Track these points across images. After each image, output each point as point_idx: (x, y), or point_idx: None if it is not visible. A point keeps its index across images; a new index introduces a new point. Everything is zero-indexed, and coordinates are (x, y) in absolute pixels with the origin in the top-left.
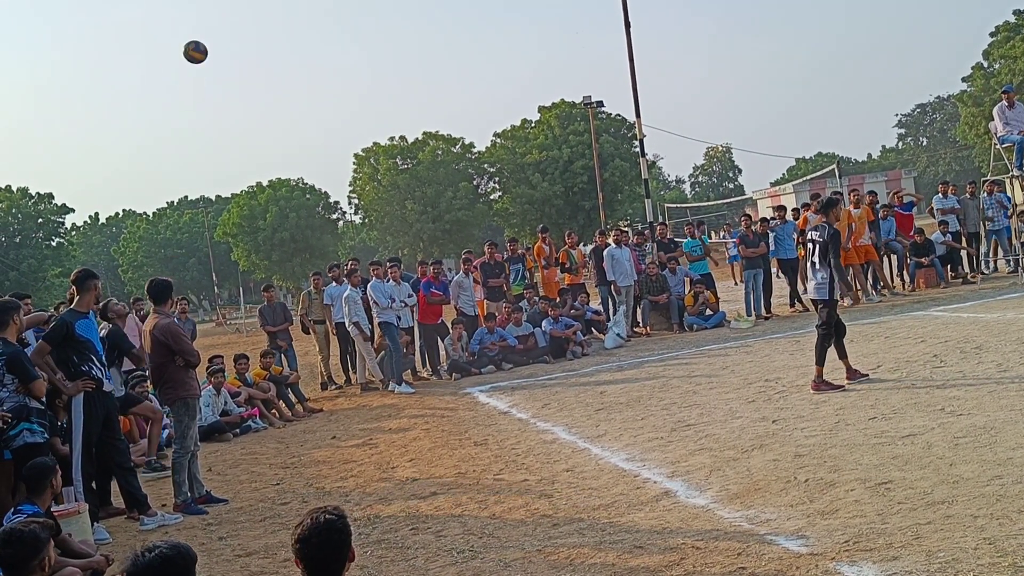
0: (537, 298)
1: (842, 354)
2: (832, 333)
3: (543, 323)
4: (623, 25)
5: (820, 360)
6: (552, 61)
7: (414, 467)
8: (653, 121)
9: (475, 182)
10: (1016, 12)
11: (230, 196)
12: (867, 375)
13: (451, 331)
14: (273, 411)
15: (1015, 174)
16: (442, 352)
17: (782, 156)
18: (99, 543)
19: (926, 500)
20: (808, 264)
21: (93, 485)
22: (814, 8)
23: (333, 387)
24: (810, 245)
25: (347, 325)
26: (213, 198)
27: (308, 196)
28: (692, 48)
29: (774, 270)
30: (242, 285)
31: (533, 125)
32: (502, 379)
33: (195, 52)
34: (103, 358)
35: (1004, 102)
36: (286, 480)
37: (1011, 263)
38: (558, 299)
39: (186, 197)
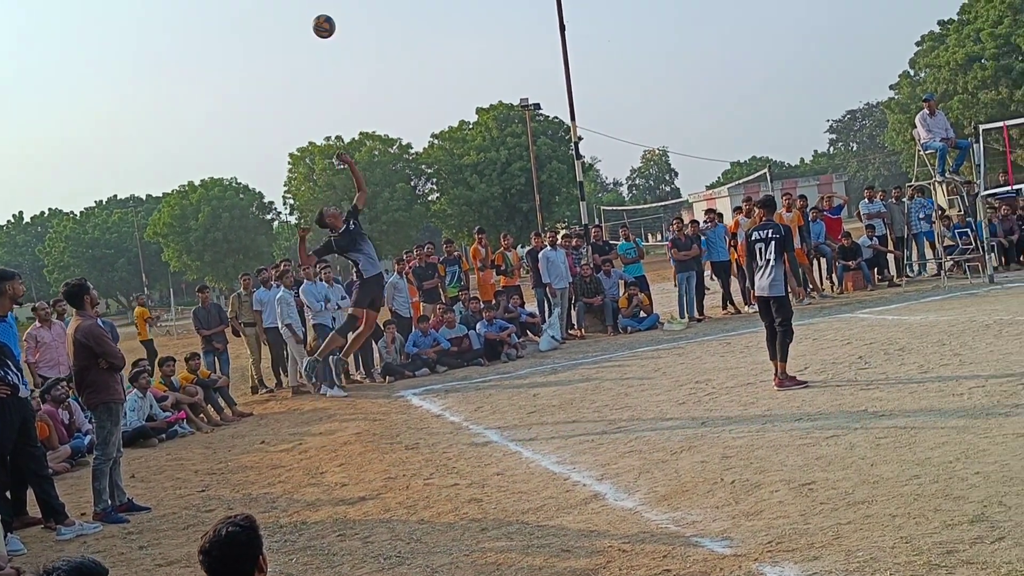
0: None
1: (773, 356)
2: (792, 329)
3: (477, 325)
4: (558, 28)
5: (783, 356)
6: (490, 63)
7: (343, 472)
8: (590, 124)
9: (412, 183)
10: (940, 23)
11: (161, 195)
12: (806, 383)
13: (385, 333)
14: (200, 415)
15: (938, 180)
16: (376, 355)
17: (717, 160)
18: (13, 554)
19: (847, 500)
20: (763, 262)
21: (7, 494)
22: (749, 16)
23: (264, 391)
24: (761, 245)
25: (279, 327)
26: (144, 197)
27: (242, 196)
28: (630, 52)
29: (708, 273)
30: (173, 287)
31: (471, 126)
32: (436, 382)
33: (325, 24)
34: (19, 362)
35: (926, 110)
36: (212, 487)
37: (933, 267)
38: (493, 301)
39: (115, 196)
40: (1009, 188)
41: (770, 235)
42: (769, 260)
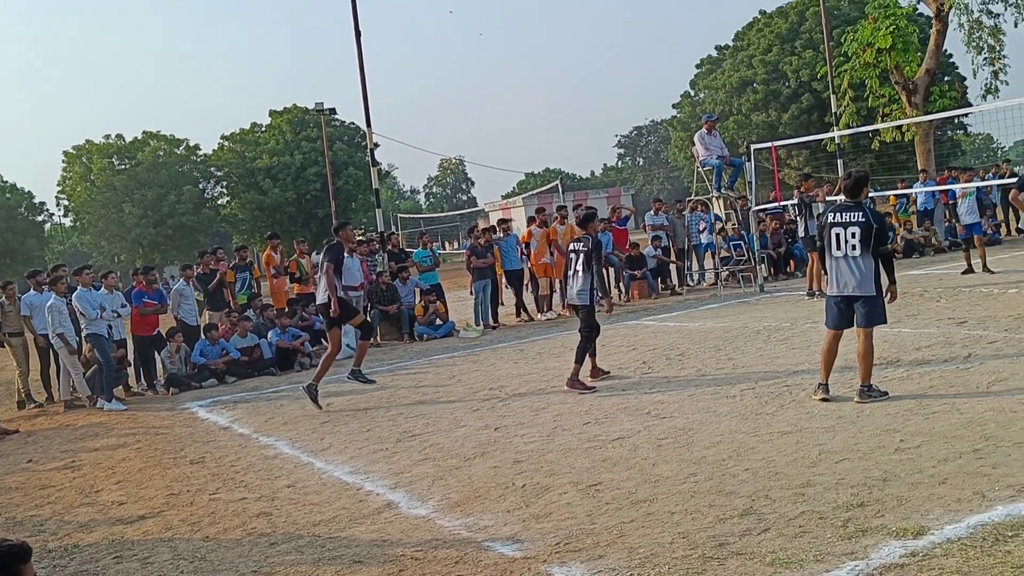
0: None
1: (592, 352)
2: (594, 336)
3: (269, 334)
4: (354, 33)
5: (579, 360)
6: (284, 65)
7: (121, 490)
8: (388, 131)
9: (201, 186)
10: (717, 48)
11: None
12: (608, 372)
13: (169, 343)
14: None
15: (715, 195)
16: (159, 365)
17: (513, 170)
18: None
19: (631, 499)
20: (572, 273)
21: None
22: (544, 33)
23: (32, 405)
24: (573, 256)
25: (51, 337)
26: None
27: (9, 196)
28: (428, 61)
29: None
30: None
31: (264, 129)
32: (224, 393)
33: None
34: None
35: (704, 129)
36: None
37: (711, 277)
38: (287, 309)
39: None
40: (777, 204)
41: (580, 247)
42: (578, 271)
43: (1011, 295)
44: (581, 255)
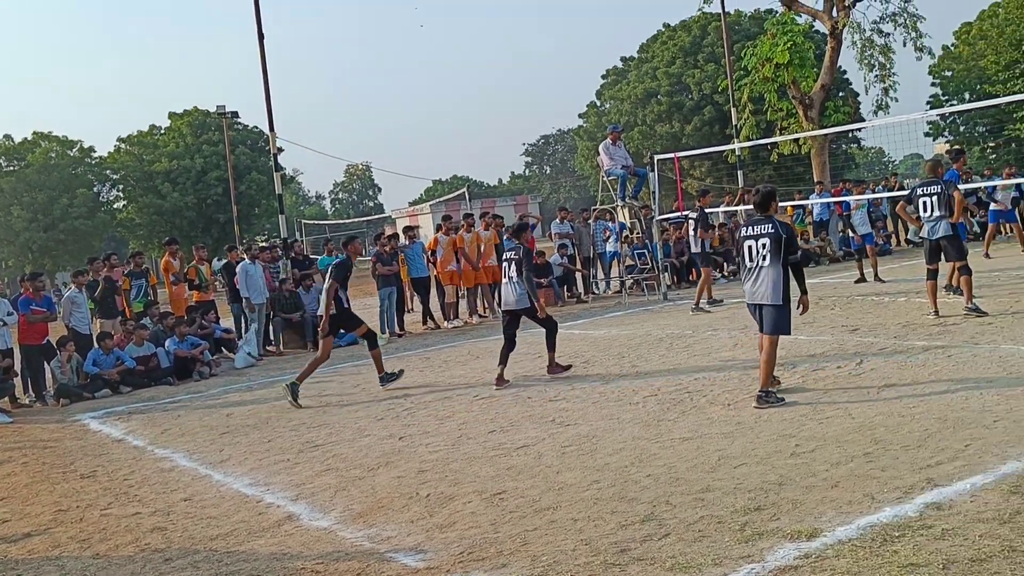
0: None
1: (503, 360)
2: (555, 328)
3: (167, 342)
4: (257, 36)
5: (551, 348)
6: (185, 66)
7: (5, 507)
8: (292, 135)
9: (96, 189)
10: (623, 59)
11: None
12: (570, 367)
13: (60, 352)
14: None
15: (619, 204)
16: (48, 375)
17: (420, 177)
18: None
19: (534, 507)
20: (504, 280)
21: None
22: (452, 41)
23: None
24: (506, 264)
25: None
26: None
27: None
28: (334, 66)
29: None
30: None
31: (163, 132)
32: (119, 403)
33: None
34: None
35: (609, 140)
36: None
37: (616, 284)
38: (185, 316)
39: None
40: (680, 213)
41: (512, 256)
42: (512, 277)
43: (900, 303)
44: (513, 263)
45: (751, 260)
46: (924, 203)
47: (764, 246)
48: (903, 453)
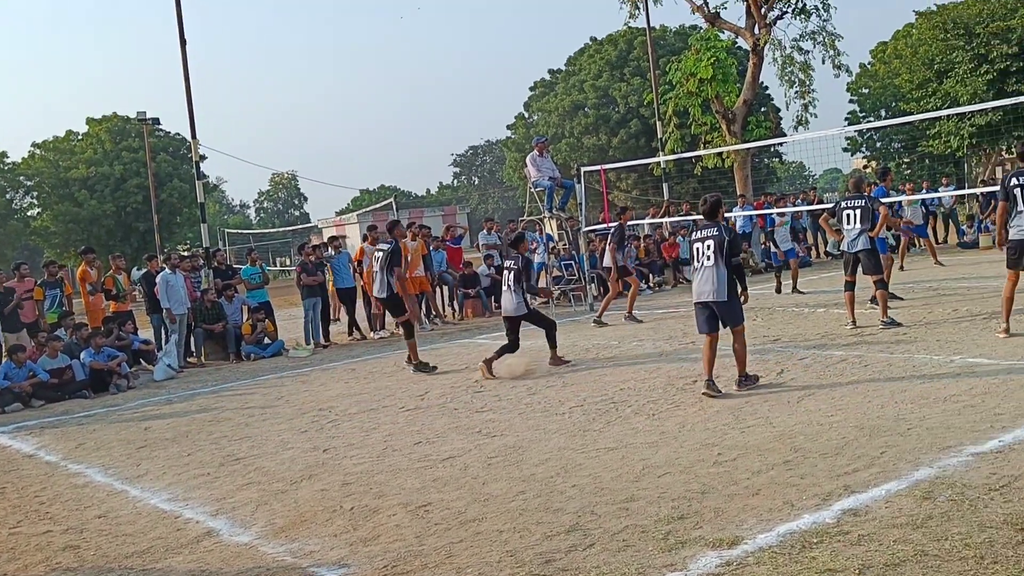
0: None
1: (500, 352)
2: (553, 326)
3: (82, 354)
4: (179, 41)
5: (553, 344)
6: (104, 71)
7: None
8: (216, 143)
9: (8, 196)
10: (550, 71)
11: None
12: (570, 361)
13: None
14: None
15: (546, 215)
16: None
17: (347, 187)
18: None
19: (460, 519)
20: (504, 289)
21: None
22: (380, 50)
23: None
24: (506, 272)
25: None
26: None
27: None
28: (260, 73)
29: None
30: None
31: (80, 138)
32: (30, 417)
33: None
34: None
35: (536, 151)
36: None
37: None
38: (102, 328)
39: None
40: (606, 225)
41: (512, 266)
42: (510, 286)
43: (819, 314)
44: (512, 272)
45: (698, 261)
46: (848, 216)
47: (709, 247)
48: (822, 461)
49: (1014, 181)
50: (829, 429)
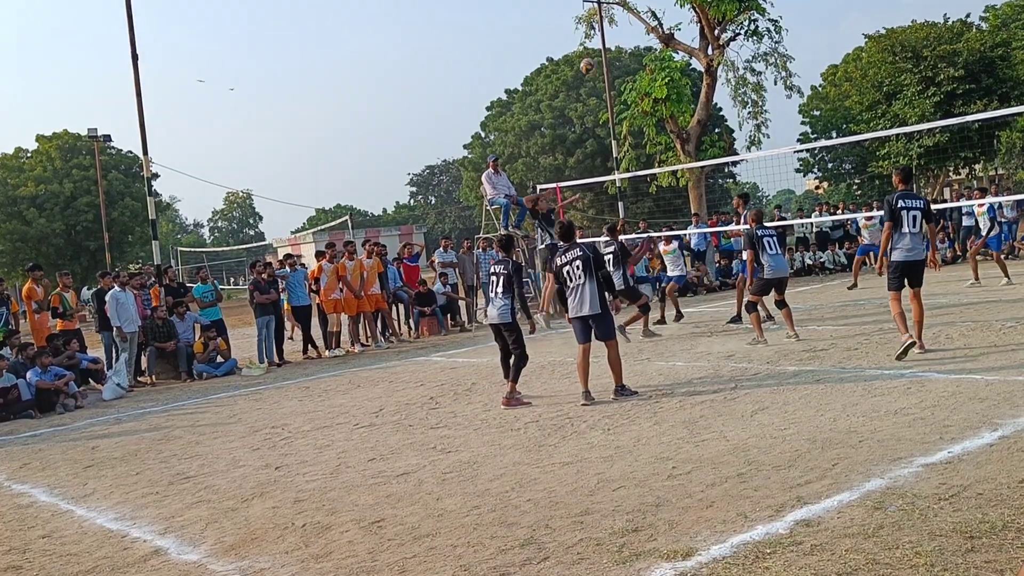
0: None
1: (506, 375)
2: (526, 353)
3: (28, 373)
4: (131, 57)
5: (514, 378)
6: (54, 87)
7: None
8: (169, 161)
9: None
10: (507, 91)
11: None
12: (529, 403)
13: None
14: None
15: (502, 233)
16: None
17: (303, 205)
18: None
19: (414, 534)
20: (491, 295)
21: None
22: (336, 68)
23: None
24: (494, 278)
25: None
26: None
27: None
28: (214, 90)
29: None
30: None
31: (30, 155)
32: None
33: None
34: None
35: (491, 169)
36: None
37: None
38: (47, 346)
39: None
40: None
41: (501, 270)
42: (499, 292)
43: (773, 332)
44: (502, 277)
45: (571, 281)
46: (767, 243)
47: (577, 267)
48: (775, 473)
49: (900, 203)
50: (782, 442)
